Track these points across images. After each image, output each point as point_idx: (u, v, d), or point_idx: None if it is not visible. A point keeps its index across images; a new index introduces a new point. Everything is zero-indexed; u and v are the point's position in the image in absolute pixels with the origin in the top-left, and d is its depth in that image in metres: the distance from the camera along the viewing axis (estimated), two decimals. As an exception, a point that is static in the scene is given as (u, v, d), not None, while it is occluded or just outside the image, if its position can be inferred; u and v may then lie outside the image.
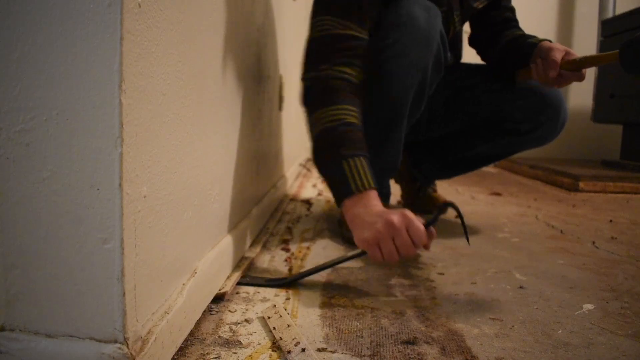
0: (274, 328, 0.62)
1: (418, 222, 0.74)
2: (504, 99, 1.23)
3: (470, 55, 1.39)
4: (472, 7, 1.19)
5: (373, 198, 0.81)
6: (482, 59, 1.33)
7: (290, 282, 0.82)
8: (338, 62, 0.89)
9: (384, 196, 1.15)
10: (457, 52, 1.31)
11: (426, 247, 0.76)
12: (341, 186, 0.82)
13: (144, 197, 0.46)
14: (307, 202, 1.58)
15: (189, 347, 0.57)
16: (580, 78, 1.04)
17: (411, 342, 0.61)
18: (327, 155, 0.85)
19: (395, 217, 0.74)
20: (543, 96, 1.20)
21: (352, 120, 0.86)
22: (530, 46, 1.11)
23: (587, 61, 1.01)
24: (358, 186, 0.81)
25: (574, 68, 1.02)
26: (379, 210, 0.78)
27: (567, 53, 1.04)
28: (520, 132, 1.24)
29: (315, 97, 0.90)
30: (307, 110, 0.91)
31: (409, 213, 0.76)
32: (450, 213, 1.47)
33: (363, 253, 0.80)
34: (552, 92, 1.22)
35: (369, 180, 0.81)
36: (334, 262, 0.84)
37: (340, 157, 0.82)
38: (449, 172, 1.46)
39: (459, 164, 1.41)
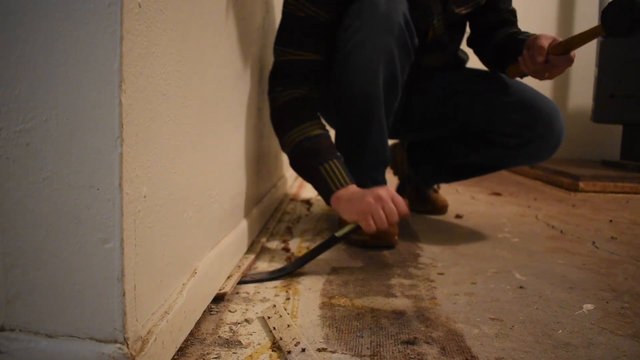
0: (274, 328, 0.62)
1: (398, 195, 0.90)
2: (497, 111, 1.20)
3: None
4: (455, 13, 1.17)
5: (352, 188, 0.94)
6: (479, 59, 1.32)
7: (293, 270, 0.85)
8: (286, 85, 1.02)
9: None
10: (445, 54, 1.29)
11: (406, 214, 0.90)
12: (324, 188, 0.96)
13: (144, 197, 0.46)
14: (307, 202, 1.58)
15: (189, 347, 0.57)
16: (570, 61, 1.03)
17: (411, 342, 0.61)
18: (304, 166, 0.99)
19: (381, 191, 0.89)
20: (535, 110, 1.16)
21: (315, 132, 0.98)
22: (521, 42, 1.10)
23: (574, 41, 0.99)
24: (337, 184, 0.95)
25: (561, 52, 1.00)
26: (363, 189, 0.93)
27: (554, 40, 1.03)
28: (508, 146, 1.21)
29: (278, 125, 1.04)
30: (277, 136, 1.05)
31: (390, 188, 0.91)
32: (451, 213, 1.47)
33: (356, 227, 0.90)
34: (544, 107, 1.17)
35: (345, 178, 0.95)
36: (331, 242, 0.90)
37: (316, 164, 0.96)
38: (444, 177, 1.45)
39: (454, 171, 1.40)
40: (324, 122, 1.05)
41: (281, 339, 0.58)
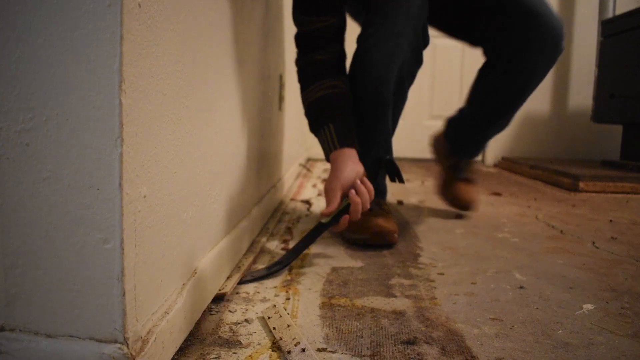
0: (274, 328, 0.62)
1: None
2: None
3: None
4: None
5: (337, 160, 0.97)
6: None
7: (289, 263, 0.88)
8: (308, 52, 1.06)
9: (380, 193, 1.17)
10: None
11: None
12: (323, 152, 1.04)
13: (144, 197, 0.46)
14: (307, 202, 1.58)
15: (189, 347, 0.57)
16: None
17: (411, 342, 0.61)
18: (311, 128, 1.07)
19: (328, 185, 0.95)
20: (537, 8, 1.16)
21: (322, 93, 1.03)
22: None
23: None
24: (331, 148, 0.99)
25: None
26: (334, 168, 0.97)
27: None
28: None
29: (300, 80, 1.09)
30: (300, 90, 1.10)
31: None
32: (451, 213, 1.47)
33: (341, 212, 0.93)
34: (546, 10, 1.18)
35: (335, 143, 0.99)
36: (319, 229, 0.94)
37: (316, 129, 1.04)
38: (480, 126, 1.34)
39: (486, 112, 1.31)
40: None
41: (281, 339, 0.59)
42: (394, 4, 1.03)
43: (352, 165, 0.95)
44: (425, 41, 1.08)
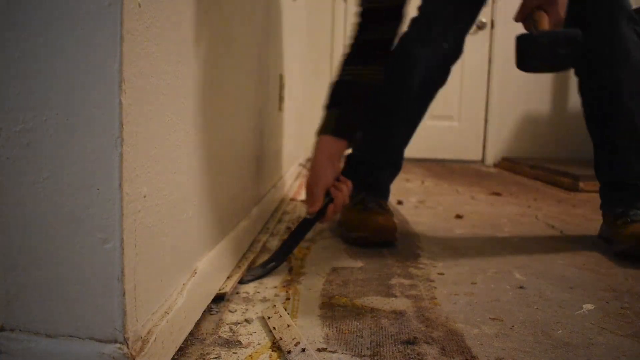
0: (274, 328, 0.62)
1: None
2: None
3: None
4: None
5: (321, 154, 0.99)
6: None
7: (282, 260, 0.90)
8: (364, 31, 1.04)
9: (383, 193, 1.18)
10: None
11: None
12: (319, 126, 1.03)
13: (144, 197, 0.46)
14: (307, 202, 1.58)
15: (189, 347, 0.57)
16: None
17: (411, 342, 0.61)
18: (329, 101, 1.05)
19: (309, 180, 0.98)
20: None
21: (349, 77, 1.02)
22: None
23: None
24: (324, 130, 1.00)
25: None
26: (315, 159, 0.99)
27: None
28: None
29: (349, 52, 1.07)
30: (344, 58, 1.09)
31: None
32: (451, 213, 1.47)
33: (325, 206, 0.96)
34: None
35: (331, 127, 1.00)
36: (306, 224, 0.97)
37: (326, 106, 1.03)
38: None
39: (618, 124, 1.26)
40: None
41: (281, 339, 0.58)
42: (433, 12, 1.10)
43: (332, 164, 0.98)
44: (456, 53, 1.14)
